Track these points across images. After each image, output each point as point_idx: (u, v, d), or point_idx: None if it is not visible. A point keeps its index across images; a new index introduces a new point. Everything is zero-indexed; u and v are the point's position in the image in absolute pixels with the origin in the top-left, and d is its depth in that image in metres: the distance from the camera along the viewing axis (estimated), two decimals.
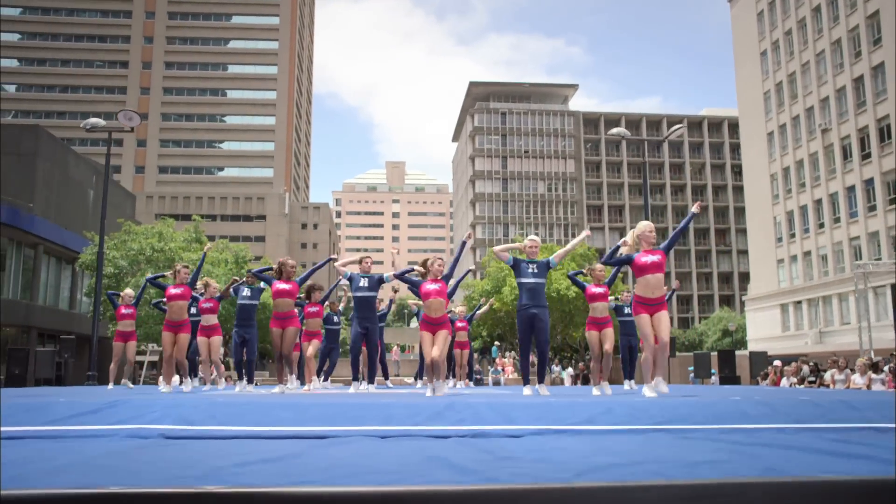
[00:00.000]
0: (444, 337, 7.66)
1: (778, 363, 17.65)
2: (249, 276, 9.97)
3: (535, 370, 10.47)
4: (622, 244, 7.17)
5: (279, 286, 8.79)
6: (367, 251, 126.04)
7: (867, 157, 39.05)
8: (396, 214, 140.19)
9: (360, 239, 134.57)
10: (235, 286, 10.10)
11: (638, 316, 6.77)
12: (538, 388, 7.71)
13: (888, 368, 14.72)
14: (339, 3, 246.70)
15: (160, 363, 12.39)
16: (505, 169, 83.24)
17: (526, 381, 7.87)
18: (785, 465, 2.75)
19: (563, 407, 4.60)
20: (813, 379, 16.36)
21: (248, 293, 9.85)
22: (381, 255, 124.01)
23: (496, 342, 37.83)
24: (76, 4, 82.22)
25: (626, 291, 10.97)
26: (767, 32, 48.95)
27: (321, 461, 2.82)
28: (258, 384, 18.95)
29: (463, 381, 13.92)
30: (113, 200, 38.04)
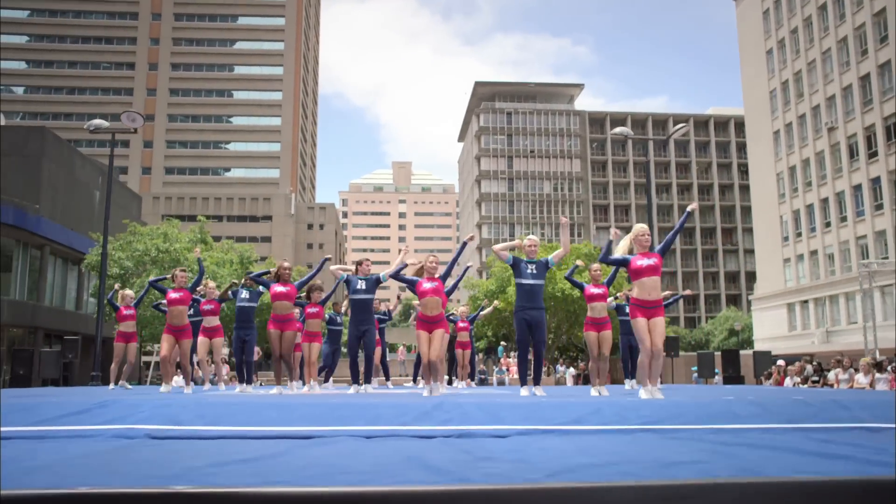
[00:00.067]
0: (440, 336, 7.66)
1: (781, 363, 17.57)
2: (248, 278, 10.02)
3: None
4: (614, 237, 7.16)
5: (277, 289, 8.86)
6: (373, 251, 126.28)
7: (874, 155, 38.83)
8: (403, 215, 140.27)
9: (366, 239, 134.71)
10: (234, 289, 10.15)
11: (635, 319, 6.76)
12: (534, 389, 7.70)
13: (892, 368, 14.64)
14: (344, 3, 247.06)
15: (173, 362, 12.45)
16: (511, 169, 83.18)
17: (524, 381, 7.87)
18: (762, 465, 2.74)
19: (552, 407, 4.59)
20: (816, 378, 16.27)
21: (246, 295, 9.91)
22: (387, 255, 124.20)
23: (502, 342, 37.75)
24: (83, 7, 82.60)
25: (626, 291, 10.94)
26: (773, 31, 48.75)
27: (298, 461, 2.82)
28: (263, 384, 19.00)
29: (465, 381, 13.91)
30: (119, 201, 38.22)
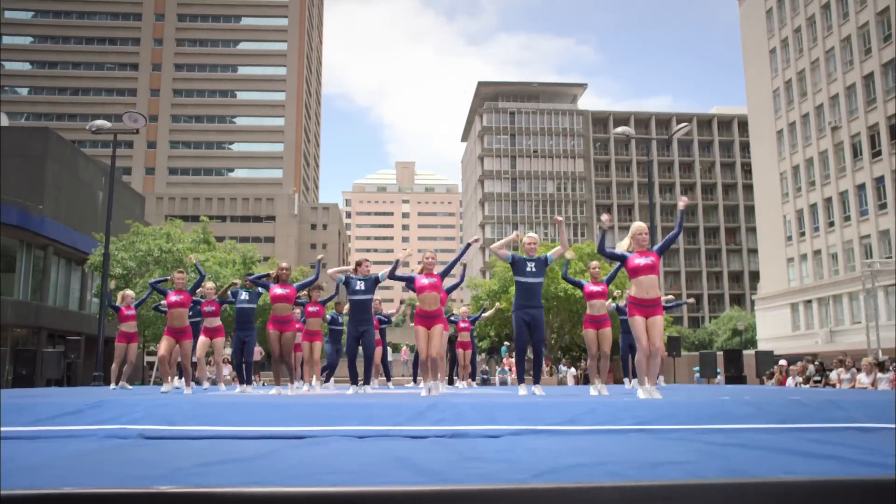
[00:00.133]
0: (439, 332, 7.69)
1: (783, 363, 17.54)
2: (247, 280, 10.03)
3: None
4: (607, 223, 7.13)
5: (276, 291, 8.85)
6: (376, 251, 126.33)
7: (877, 154, 38.72)
8: (406, 215, 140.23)
9: (369, 239, 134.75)
10: (234, 290, 10.16)
11: (632, 318, 6.76)
12: (533, 388, 7.70)
13: (894, 367, 14.60)
14: (348, 4, 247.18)
15: (174, 363, 12.46)
16: (514, 168, 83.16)
17: (521, 380, 7.87)
18: (749, 465, 2.73)
19: (546, 407, 4.59)
20: (818, 378, 16.25)
21: (246, 297, 9.91)
22: (390, 255, 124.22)
23: (505, 342, 37.70)
24: (87, 7, 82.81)
25: (628, 290, 10.91)
26: (776, 30, 48.64)
27: (286, 462, 2.83)
28: (265, 384, 19.04)
29: (466, 380, 13.93)
30: (122, 202, 38.31)
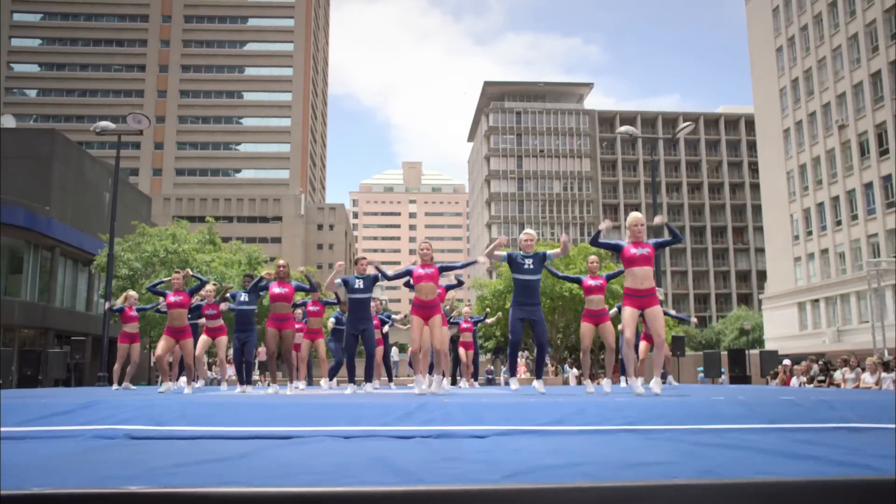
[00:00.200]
0: (438, 323, 7.71)
1: (787, 362, 17.46)
2: (246, 280, 10.01)
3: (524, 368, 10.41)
4: (605, 230, 7.12)
5: (275, 290, 8.83)
6: (383, 251, 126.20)
7: (885, 153, 38.51)
8: (413, 215, 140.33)
9: (377, 240, 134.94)
10: (232, 293, 10.14)
11: (624, 308, 6.77)
12: (535, 383, 7.70)
13: None
14: (355, 4, 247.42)
15: (174, 363, 12.48)
16: (520, 168, 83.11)
17: (513, 373, 7.90)
18: (726, 466, 2.72)
19: (536, 407, 4.59)
20: (823, 378, 16.17)
21: (245, 298, 9.88)
22: (397, 255, 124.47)
23: None
24: (94, 10, 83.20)
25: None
26: (783, 28, 48.46)
27: (262, 462, 2.83)
28: (270, 384, 19.06)
29: (468, 381, 13.95)
30: (128, 203, 38.45)
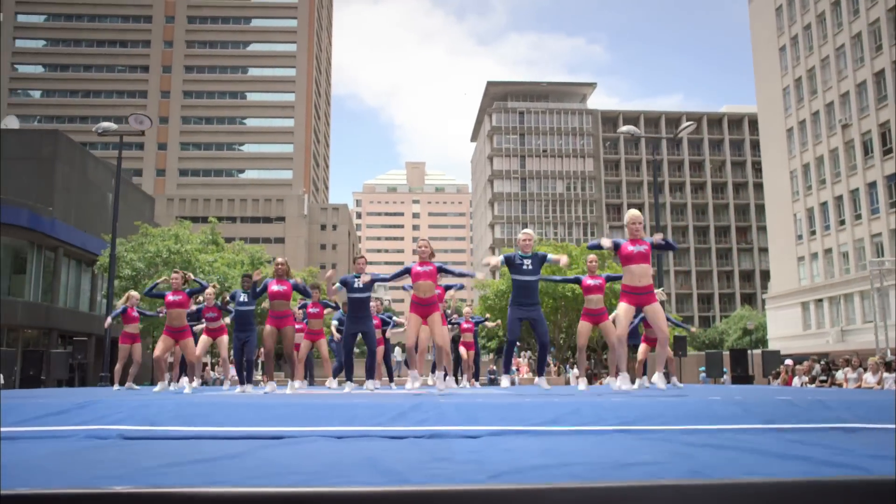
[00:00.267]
0: (437, 322, 7.76)
1: (790, 362, 17.43)
2: (245, 280, 10.02)
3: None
4: (607, 247, 7.15)
5: (274, 288, 8.79)
6: (387, 251, 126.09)
7: (888, 152, 38.38)
8: (416, 215, 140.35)
9: (380, 240, 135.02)
10: (232, 293, 10.15)
11: (620, 304, 6.80)
12: (538, 381, 7.75)
13: None
14: (358, 4, 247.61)
15: (177, 363, 12.48)
16: (523, 168, 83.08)
17: (507, 371, 7.95)
18: (714, 466, 2.72)
19: (530, 408, 4.59)
20: (825, 378, 16.14)
21: (244, 299, 9.89)
22: (401, 255, 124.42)
23: (517, 342, 37.67)
24: (98, 11, 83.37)
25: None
26: (786, 27, 48.35)
27: (251, 462, 2.84)
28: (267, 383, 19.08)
29: (470, 381, 13.95)
30: (132, 203, 38.53)
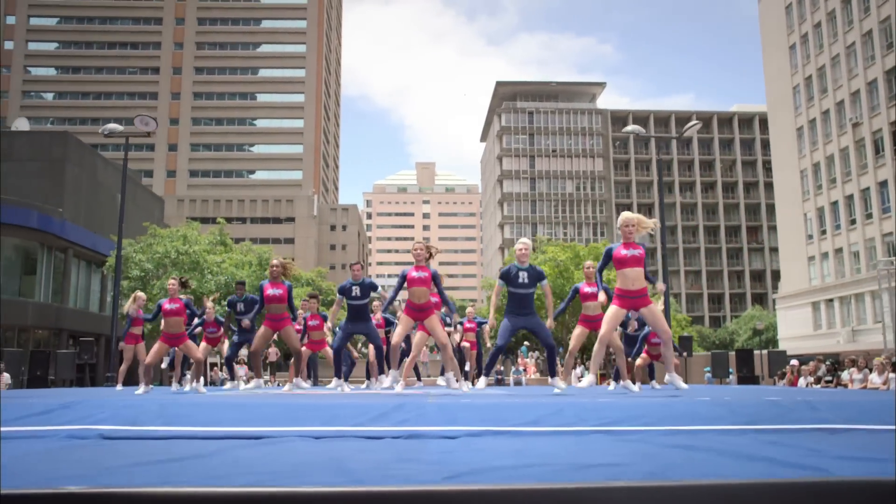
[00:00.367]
0: (435, 323, 7.77)
1: (795, 362, 17.33)
2: (239, 288, 10.07)
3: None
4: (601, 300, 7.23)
5: (269, 291, 8.68)
6: (396, 252, 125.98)
7: None
8: (427, 215, 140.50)
9: (390, 240, 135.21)
10: (231, 300, 10.21)
11: (612, 305, 6.81)
12: (552, 381, 7.80)
13: None
14: (368, 4, 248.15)
15: (178, 364, 12.55)
16: (533, 168, 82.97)
17: (488, 373, 7.98)
18: (674, 467, 2.72)
19: (513, 408, 4.59)
20: (830, 378, 16.04)
21: (242, 308, 9.94)
22: (411, 256, 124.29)
23: (525, 342, 37.62)
24: (109, 13, 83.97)
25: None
26: (796, 25, 48.05)
27: (218, 462, 2.86)
28: (280, 384, 19.19)
29: (472, 380, 13.98)
30: (141, 204, 38.80)
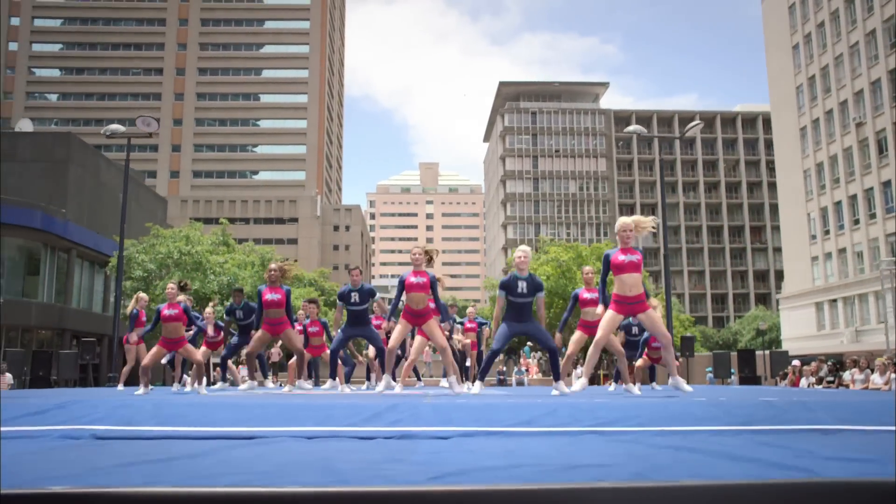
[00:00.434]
0: (434, 327, 7.76)
1: (797, 363, 17.30)
2: (236, 294, 10.08)
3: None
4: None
5: (268, 297, 8.57)
6: (400, 252, 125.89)
7: None
8: (430, 215, 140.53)
9: (394, 240, 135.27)
10: (230, 308, 10.22)
11: (608, 310, 6.79)
12: (555, 385, 7.76)
13: None
14: (371, 5, 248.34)
15: (178, 364, 12.57)
16: (536, 168, 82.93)
17: (482, 378, 7.96)
18: (660, 468, 2.72)
19: (507, 409, 4.59)
20: (832, 379, 16.01)
21: (241, 315, 9.96)
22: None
23: (528, 343, 37.59)
24: (113, 14, 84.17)
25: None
26: (799, 25, 47.95)
27: (208, 462, 2.86)
28: (282, 384, 19.21)
29: (473, 381, 13.98)
30: (144, 205, 38.88)
